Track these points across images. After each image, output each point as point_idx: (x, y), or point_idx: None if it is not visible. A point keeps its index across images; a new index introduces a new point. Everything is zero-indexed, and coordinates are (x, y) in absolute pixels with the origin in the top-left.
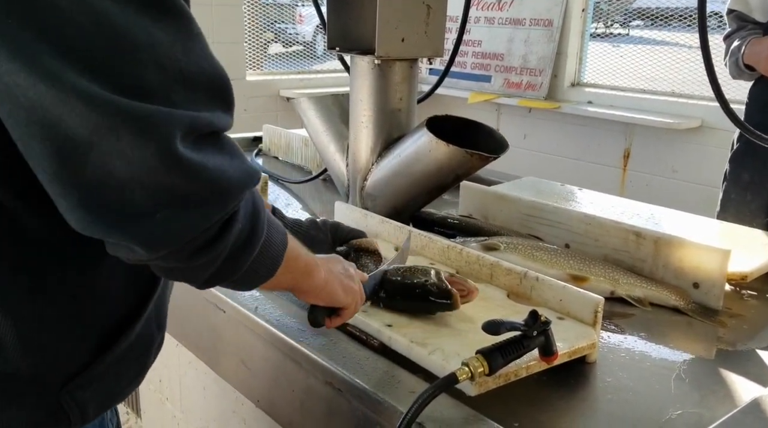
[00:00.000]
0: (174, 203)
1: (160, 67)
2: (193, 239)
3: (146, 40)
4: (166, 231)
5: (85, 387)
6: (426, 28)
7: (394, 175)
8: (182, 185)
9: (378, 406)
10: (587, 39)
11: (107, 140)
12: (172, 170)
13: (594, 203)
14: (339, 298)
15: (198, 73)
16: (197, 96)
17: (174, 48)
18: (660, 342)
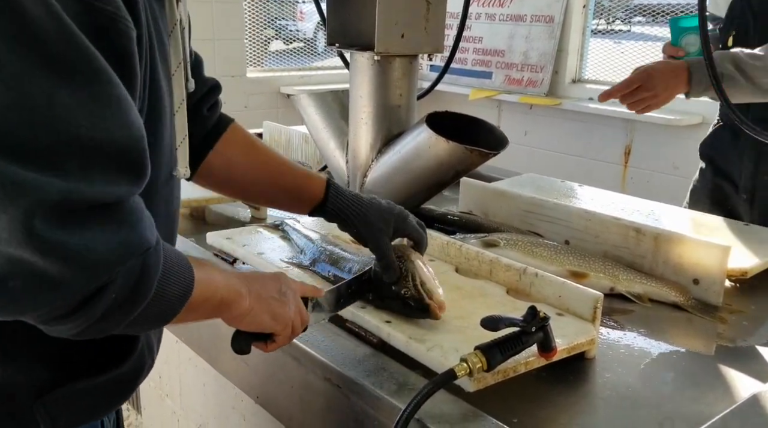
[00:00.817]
0: (29, 275)
1: (53, 132)
2: (48, 310)
3: (44, 100)
4: (18, 300)
5: (60, 403)
6: (426, 24)
7: (394, 171)
8: (38, 261)
9: (376, 402)
10: (588, 35)
11: None
12: (26, 245)
13: (594, 200)
14: (265, 325)
15: (103, 142)
16: (95, 165)
17: (77, 113)
18: (660, 338)
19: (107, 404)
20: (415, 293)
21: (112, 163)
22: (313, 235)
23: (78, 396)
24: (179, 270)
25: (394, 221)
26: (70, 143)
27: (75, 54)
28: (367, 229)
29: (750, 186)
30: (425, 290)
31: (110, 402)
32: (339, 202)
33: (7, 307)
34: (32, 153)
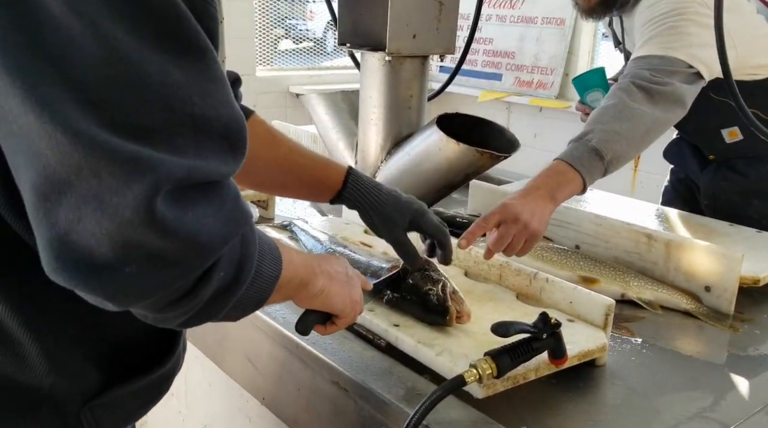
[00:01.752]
0: (145, 259)
1: (168, 109)
2: (165, 294)
3: (159, 78)
4: (134, 287)
5: (106, 407)
6: (438, 25)
7: (403, 173)
8: (156, 242)
9: (384, 407)
10: (599, 38)
11: (87, 183)
12: (145, 225)
13: (605, 205)
14: (335, 306)
15: (212, 119)
16: (207, 142)
17: (189, 90)
18: (670, 346)
19: (144, 405)
20: (441, 294)
21: (222, 140)
22: (322, 236)
23: (122, 400)
24: (269, 249)
25: (411, 215)
26: (185, 120)
27: (184, 32)
28: (382, 220)
29: (710, 193)
30: (454, 297)
31: (147, 403)
32: (357, 190)
33: (126, 296)
34: (150, 131)
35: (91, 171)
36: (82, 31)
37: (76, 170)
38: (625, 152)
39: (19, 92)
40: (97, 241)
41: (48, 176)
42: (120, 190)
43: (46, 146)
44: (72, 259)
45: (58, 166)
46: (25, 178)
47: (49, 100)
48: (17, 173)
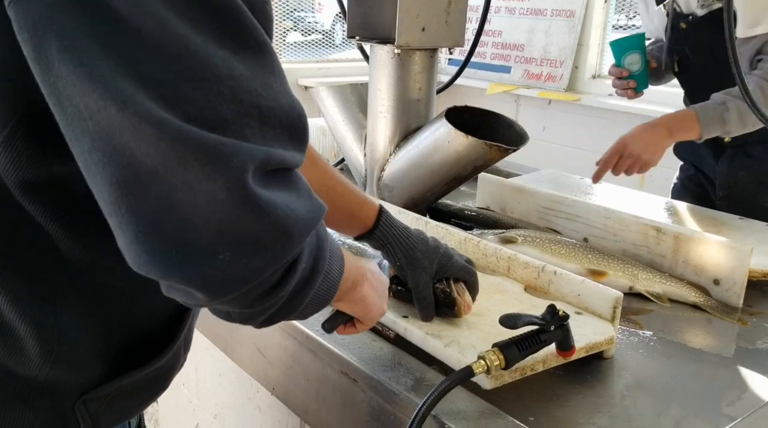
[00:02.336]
0: (239, 244)
1: (237, 101)
2: (258, 284)
3: (226, 71)
4: (228, 275)
5: (102, 401)
6: (447, 18)
7: (412, 166)
8: (250, 224)
9: (393, 397)
10: (609, 30)
11: (174, 171)
12: (240, 206)
13: (613, 197)
14: (370, 314)
15: (275, 109)
16: (272, 132)
17: (253, 82)
18: (679, 339)
19: (142, 401)
20: (447, 287)
21: (284, 130)
22: None
23: (118, 394)
24: (334, 246)
25: (438, 261)
26: (252, 111)
27: (244, 28)
28: (409, 263)
29: (726, 184)
30: (457, 288)
31: (145, 399)
32: (388, 232)
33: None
34: (223, 122)
35: (178, 160)
36: (152, 30)
37: (163, 160)
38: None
39: (98, 88)
40: (190, 228)
41: (133, 169)
42: (210, 175)
43: (131, 138)
44: (165, 249)
45: (144, 157)
46: (102, 175)
47: (129, 94)
48: (91, 172)
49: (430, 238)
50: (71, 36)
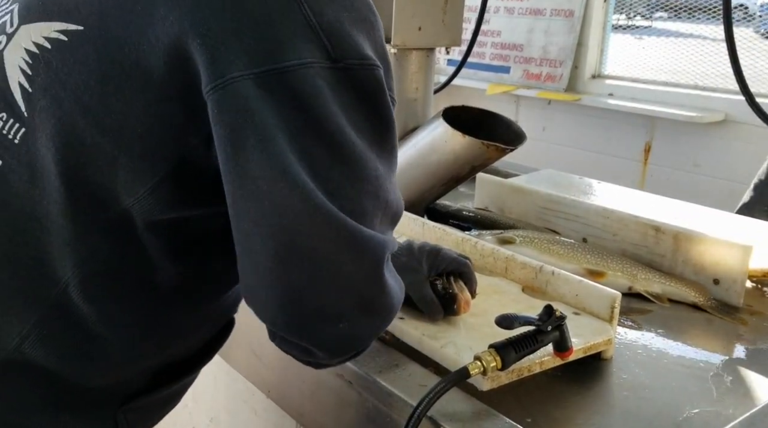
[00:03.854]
0: (363, 316)
1: (376, 197)
2: (359, 352)
3: (374, 173)
4: (347, 339)
5: (139, 410)
6: (443, 17)
7: (409, 166)
8: (377, 302)
9: (388, 399)
10: (609, 30)
11: (330, 252)
12: (375, 287)
13: (613, 197)
14: None
15: (393, 204)
16: (388, 224)
17: (386, 181)
18: (678, 339)
19: (168, 409)
20: (447, 284)
21: (394, 221)
22: None
23: (154, 404)
24: None
25: (426, 258)
26: (382, 205)
27: (390, 137)
28: (400, 271)
29: None
30: (456, 285)
31: (170, 407)
32: None
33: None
34: (366, 214)
35: (335, 244)
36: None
37: (324, 243)
38: None
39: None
40: (327, 300)
41: (295, 245)
42: (358, 260)
43: (303, 222)
44: (299, 314)
45: (308, 238)
46: (262, 247)
47: (309, 190)
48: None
49: (416, 243)
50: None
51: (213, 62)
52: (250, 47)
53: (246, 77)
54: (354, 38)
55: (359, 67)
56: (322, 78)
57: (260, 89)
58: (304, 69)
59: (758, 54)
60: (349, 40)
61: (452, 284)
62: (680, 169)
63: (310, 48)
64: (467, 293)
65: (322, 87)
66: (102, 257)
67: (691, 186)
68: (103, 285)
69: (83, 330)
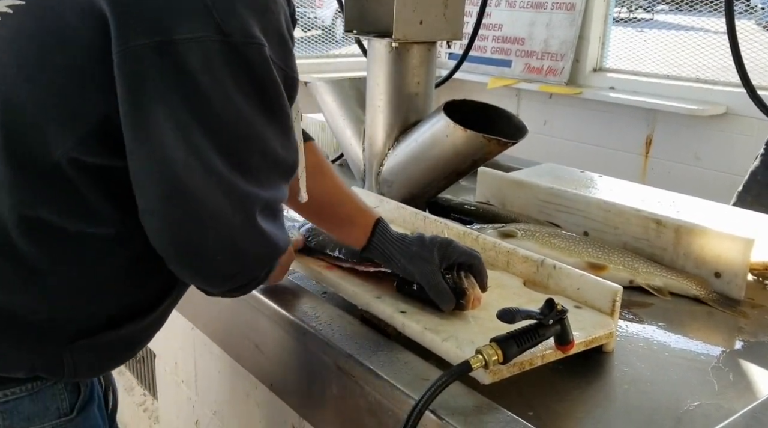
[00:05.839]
0: (239, 255)
1: (263, 156)
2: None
3: (259, 134)
4: (223, 273)
5: (85, 352)
6: (445, 11)
7: (411, 160)
8: (252, 245)
9: (390, 392)
10: (610, 23)
11: (210, 199)
12: (249, 232)
13: (614, 191)
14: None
15: (285, 162)
16: (279, 180)
17: (276, 143)
18: (679, 332)
19: (119, 357)
20: (457, 279)
21: (286, 177)
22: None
23: (100, 348)
24: None
25: (437, 249)
26: (272, 165)
27: (280, 104)
28: (409, 260)
29: None
30: (468, 281)
31: (122, 356)
32: (383, 238)
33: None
34: (256, 174)
35: (214, 194)
36: (223, 104)
37: (201, 190)
38: None
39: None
40: (206, 235)
41: (179, 189)
42: (233, 209)
43: (185, 172)
44: (182, 244)
45: (189, 185)
46: (153, 185)
47: (198, 144)
48: (143, 177)
49: (427, 236)
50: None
51: (119, 28)
52: (151, 18)
53: (145, 46)
54: (243, 18)
55: (244, 44)
56: (212, 51)
57: (156, 57)
58: (196, 42)
59: (760, 46)
60: (239, 19)
61: (463, 278)
62: (681, 162)
63: (203, 23)
64: (478, 290)
65: (211, 59)
66: (40, 201)
67: (692, 179)
68: (43, 228)
69: (27, 266)
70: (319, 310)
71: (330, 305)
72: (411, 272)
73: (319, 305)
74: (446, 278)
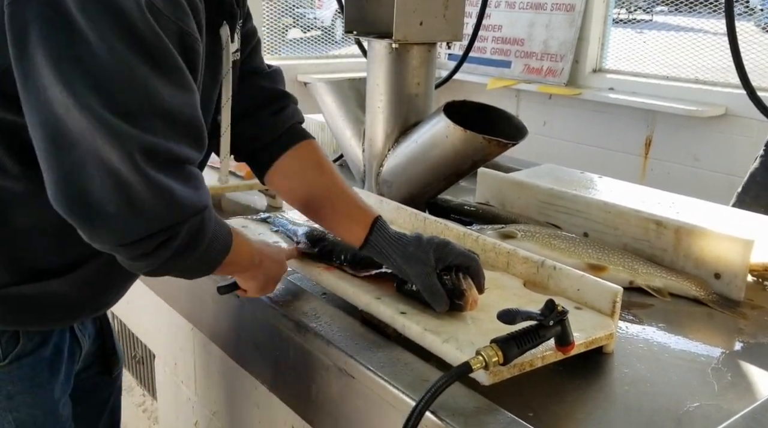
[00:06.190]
0: (125, 204)
1: (147, 100)
2: (132, 244)
3: (143, 81)
4: (113, 228)
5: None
6: (445, 12)
7: (411, 161)
8: (142, 194)
9: (391, 393)
10: (610, 24)
11: (89, 141)
12: (134, 174)
13: (614, 192)
14: (255, 293)
15: (177, 114)
16: (170, 130)
17: (163, 91)
18: (679, 333)
19: (42, 315)
20: (455, 279)
21: (182, 130)
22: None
23: (15, 299)
24: (222, 235)
25: (434, 250)
26: (157, 111)
27: (164, 53)
28: (405, 259)
29: None
30: (465, 282)
31: (45, 315)
32: (381, 237)
33: (107, 233)
34: (132, 114)
35: (91, 135)
36: (101, 45)
37: (80, 133)
38: None
39: (55, 76)
40: (92, 183)
41: (61, 134)
42: (110, 149)
43: (64, 113)
44: (72, 195)
45: (69, 128)
46: (40, 132)
47: (71, 83)
48: (33, 127)
49: (425, 236)
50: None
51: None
52: None
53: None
54: None
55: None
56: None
57: (38, 5)
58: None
59: (759, 48)
60: None
61: (461, 280)
62: (681, 163)
63: None
64: (476, 291)
65: (88, 2)
66: None
67: (691, 180)
68: None
69: None
70: (319, 311)
71: (330, 306)
72: (407, 273)
73: (319, 305)
74: (444, 279)
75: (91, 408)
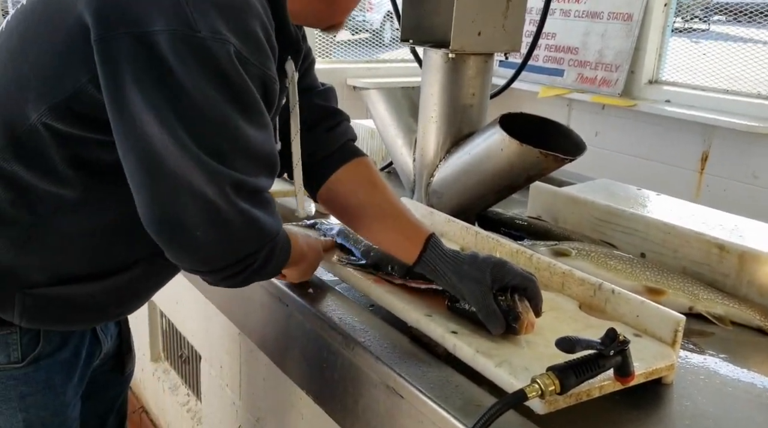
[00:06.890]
0: (216, 228)
1: (234, 142)
2: (222, 268)
3: (233, 124)
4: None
5: (37, 299)
6: (504, 22)
7: (463, 173)
8: (231, 222)
9: (441, 416)
10: (668, 35)
11: (185, 175)
12: (226, 209)
13: (673, 211)
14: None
15: (258, 151)
16: (253, 166)
17: (248, 133)
18: (743, 365)
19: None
20: (511, 302)
21: (261, 164)
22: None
23: (52, 299)
24: (286, 245)
25: (491, 270)
26: (243, 151)
27: (249, 98)
28: (460, 278)
29: None
30: (522, 305)
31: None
32: (435, 254)
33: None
34: (224, 154)
35: (189, 171)
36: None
37: (176, 167)
38: None
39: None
40: (185, 211)
41: (156, 165)
42: (206, 184)
43: (162, 149)
44: (164, 219)
45: (166, 162)
46: (136, 162)
47: (167, 123)
48: (128, 155)
49: (481, 254)
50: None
51: (99, 19)
52: (129, 12)
53: (123, 35)
54: (213, 18)
55: (212, 39)
56: (183, 42)
57: (135, 46)
58: (170, 33)
59: None
60: (210, 18)
61: (516, 302)
62: (738, 180)
63: (177, 19)
64: (532, 315)
65: (181, 48)
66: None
67: (748, 198)
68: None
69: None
70: (368, 324)
71: (378, 320)
72: (461, 291)
73: (367, 318)
74: (499, 300)
75: (100, 404)
